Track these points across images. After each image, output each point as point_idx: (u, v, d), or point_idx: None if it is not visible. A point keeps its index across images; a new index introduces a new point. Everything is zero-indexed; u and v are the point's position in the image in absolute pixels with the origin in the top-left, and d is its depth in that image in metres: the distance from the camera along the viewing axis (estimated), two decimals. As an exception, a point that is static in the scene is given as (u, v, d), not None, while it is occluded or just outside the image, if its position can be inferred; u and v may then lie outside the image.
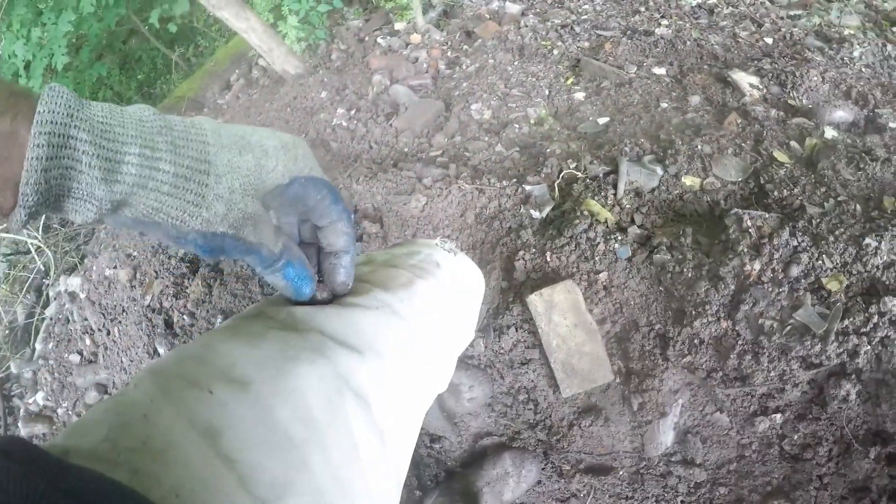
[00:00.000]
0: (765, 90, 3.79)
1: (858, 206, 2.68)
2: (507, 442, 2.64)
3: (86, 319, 3.89)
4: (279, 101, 4.96)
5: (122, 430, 0.66)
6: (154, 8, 6.41)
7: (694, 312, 2.47)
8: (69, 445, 0.64)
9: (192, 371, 0.77)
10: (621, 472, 2.51)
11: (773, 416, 2.37)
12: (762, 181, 2.95)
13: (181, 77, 7.54)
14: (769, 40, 4.47)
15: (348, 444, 0.82)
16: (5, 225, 0.68)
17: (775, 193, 2.85)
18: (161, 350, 3.40)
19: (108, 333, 3.73)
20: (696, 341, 2.46)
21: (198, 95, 6.17)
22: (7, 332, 4.30)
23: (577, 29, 4.80)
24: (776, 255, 2.47)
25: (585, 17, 4.98)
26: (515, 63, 4.54)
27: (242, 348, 0.81)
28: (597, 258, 2.70)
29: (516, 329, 2.68)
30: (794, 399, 2.35)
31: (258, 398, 0.74)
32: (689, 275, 2.55)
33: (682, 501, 2.43)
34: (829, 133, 3.30)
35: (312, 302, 0.93)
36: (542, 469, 2.57)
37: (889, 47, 4.27)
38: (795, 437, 2.34)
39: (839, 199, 2.76)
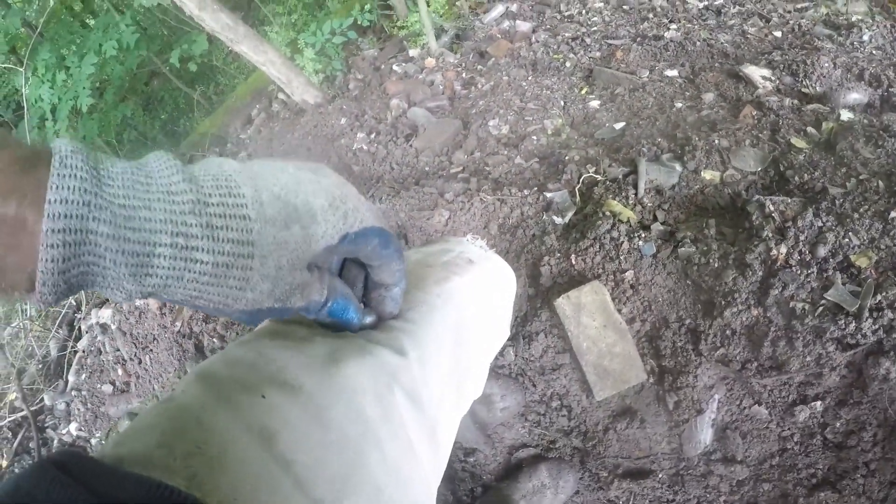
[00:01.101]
0: (777, 81, 3.80)
1: (881, 183, 2.66)
2: (543, 452, 2.63)
3: (118, 350, 3.93)
4: (300, 130, 5.03)
5: (177, 435, 0.65)
6: (174, 49, 6.53)
7: (723, 302, 2.46)
8: (122, 454, 0.63)
9: (244, 375, 0.76)
10: (661, 475, 2.49)
11: (814, 403, 2.34)
12: (782, 168, 2.94)
13: (203, 114, 7.66)
14: (778, 34, 4.48)
15: (403, 440, 0.82)
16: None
17: (796, 179, 2.85)
18: (192, 374, 3.41)
19: (140, 362, 3.78)
20: (727, 332, 2.45)
21: (220, 131, 6.25)
22: (41, 366, 4.36)
23: (588, 40, 4.85)
24: (801, 237, 2.46)
25: (595, 28, 5.02)
26: (529, 78, 4.58)
27: (291, 353, 0.81)
28: (622, 257, 2.70)
29: (545, 335, 2.69)
30: (833, 384, 2.32)
31: (310, 399, 0.74)
32: (716, 265, 2.54)
33: (724, 501, 2.40)
34: (846, 115, 3.30)
35: (358, 328, 0.90)
36: (580, 478, 2.56)
37: (897, 30, 4.28)
38: (838, 424, 2.30)
39: (861, 177, 2.75)
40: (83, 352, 4.24)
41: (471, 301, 1.10)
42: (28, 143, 0.57)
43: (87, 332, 4.33)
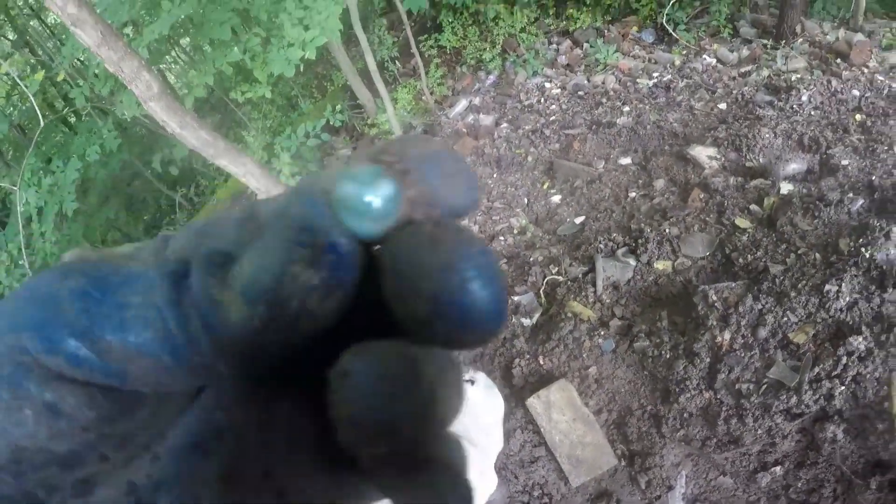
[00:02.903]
0: (722, 158, 4.04)
1: (818, 255, 2.91)
2: (529, 539, 2.83)
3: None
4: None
5: None
6: (155, 153, 6.76)
7: (677, 389, 2.71)
8: None
9: None
10: (640, 550, 2.68)
11: (773, 469, 2.55)
12: (727, 251, 3.19)
13: (185, 216, 7.71)
14: (723, 105, 4.75)
15: None
16: None
17: (740, 260, 3.09)
18: None
19: None
20: (685, 415, 2.68)
21: (202, 234, 6.34)
22: None
23: (547, 132, 5.10)
24: (743, 322, 2.70)
25: (553, 117, 5.29)
26: (494, 175, 4.84)
27: None
28: (585, 355, 2.94)
29: (521, 431, 2.90)
30: (789, 449, 2.54)
31: None
32: (668, 356, 2.79)
33: (704, 569, 2.58)
34: (785, 188, 3.55)
35: None
36: (568, 562, 2.75)
37: (834, 82, 4.54)
38: (799, 484, 2.50)
39: (799, 251, 3.00)
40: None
41: (462, 431, 1.30)
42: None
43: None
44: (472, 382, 1.44)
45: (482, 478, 1.41)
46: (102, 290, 0.28)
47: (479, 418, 1.39)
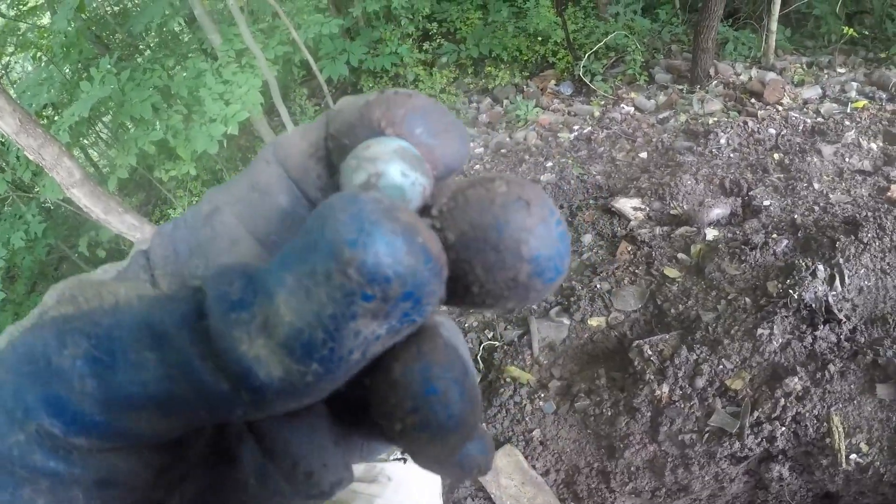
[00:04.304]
0: (647, 208, 4.12)
1: (748, 299, 2.98)
2: None
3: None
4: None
5: None
6: (81, 235, 6.63)
7: (622, 445, 2.73)
8: None
9: None
10: None
11: (725, 512, 2.58)
12: (659, 302, 3.25)
13: (114, 299, 7.60)
14: (644, 155, 4.87)
15: None
16: None
17: (672, 311, 3.15)
18: None
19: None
20: (632, 468, 2.71)
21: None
22: None
23: (469, 194, 5.08)
24: (680, 374, 2.76)
25: (475, 179, 5.29)
26: (422, 240, 4.78)
27: None
28: (527, 418, 2.96)
29: (472, 499, 2.90)
30: (738, 491, 2.60)
31: None
32: (609, 413, 2.83)
33: None
34: (711, 234, 3.63)
35: None
36: None
37: (750, 122, 4.68)
38: (751, 525, 2.53)
39: (729, 297, 3.07)
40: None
41: None
42: None
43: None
44: (405, 460, 1.42)
45: None
46: (111, 351, 0.25)
47: (414, 496, 1.39)
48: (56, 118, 5.84)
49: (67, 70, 6.20)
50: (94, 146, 8.98)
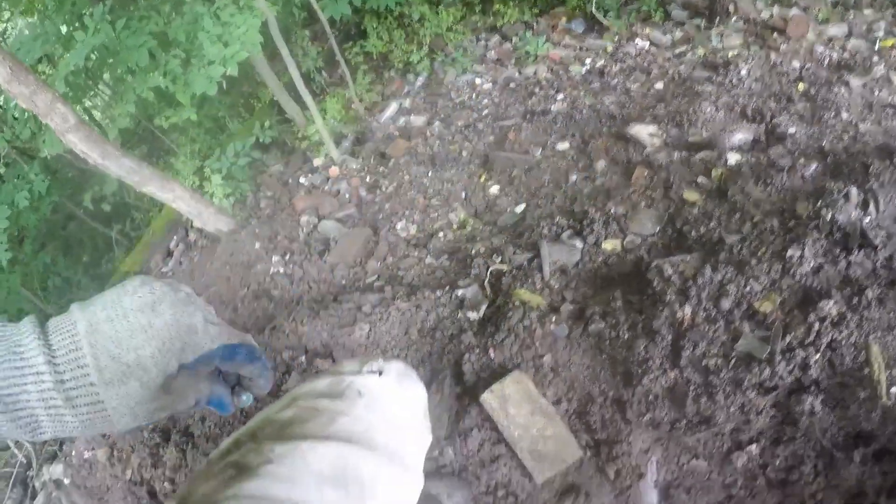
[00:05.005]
0: (664, 135, 3.92)
1: (775, 222, 2.76)
2: (499, 540, 2.63)
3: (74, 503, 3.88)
4: (218, 259, 5.02)
5: None
6: (86, 191, 6.56)
7: (640, 371, 2.52)
8: None
9: None
10: (615, 544, 2.49)
11: (749, 448, 2.37)
12: (678, 225, 3.04)
13: (123, 252, 7.55)
14: (659, 86, 4.66)
15: None
16: None
17: (693, 233, 2.94)
18: (147, 522, 3.42)
19: (97, 513, 3.72)
20: (650, 397, 2.49)
21: (142, 268, 6.19)
22: None
23: (481, 126, 4.97)
24: (703, 294, 2.53)
25: (486, 111, 5.16)
26: (430, 174, 4.68)
27: None
28: (537, 343, 2.76)
29: (479, 429, 2.71)
30: (763, 426, 2.36)
31: None
32: (626, 336, 2.62)
33: (681, 559, 2.40)
34: (733, 158, 3.42)
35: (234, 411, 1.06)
36: (539, 560, 2.55)
37: (773, 55, 4.46)
38: (777, 462, 2.33)
39: (755, 220, 2.85)
40: (41, 510, 4.17)
41: (361, 436, 1.12)
42: None
43: (41, 490, 4.26)
44: (380, 373, 1.30)
45: (395, 485, 1.22)
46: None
47: (389, 414, 1.22)
48: (52, 73, 5.74)
49: (63, 27, 6.06)
50: (95, 108, 8.94)
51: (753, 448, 2.38)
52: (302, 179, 5.39)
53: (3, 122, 6.06)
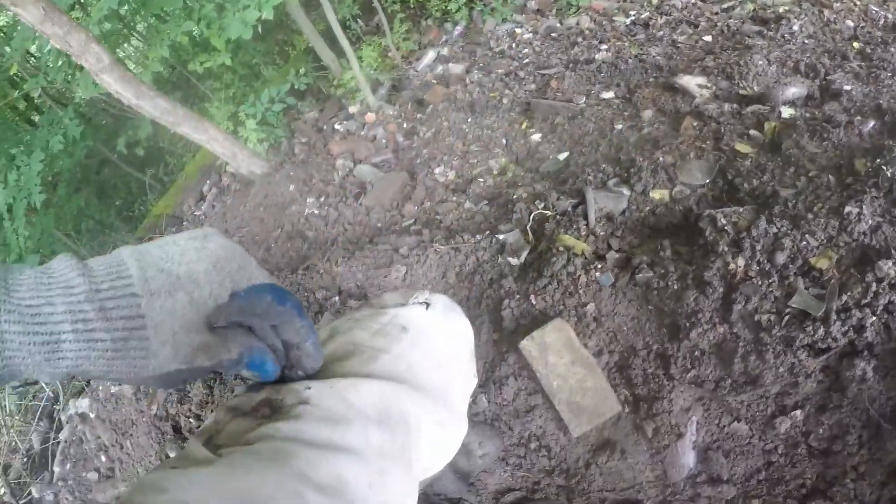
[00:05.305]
0: (714, 87, 3.80)
1: (831, 177, 2.65)
2: (528, 495, 2.56)
3: (99, 437, 3.92)
4: (251, 201, 5.02)
5: None
6: (119, 136, 6.59)
7: (688, 324, 2.43)
8: None
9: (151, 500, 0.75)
10: (647, 504, 2.43)
11: (793, 413, 2.28)
12: (730, 177, 2.94)
13: (156, 196, 7.63)
14: (708, 38, 4.52)
15: None
16: None
17: (745, 186, 2.84)
18: (173, 455, 3.40)
19: (122, 448, 3.75)
20: (696, 353, 2.41)
21: (175, 211, 6.23)
22: (25, 459, 4.36)
23: (522, 74, 4.86)
24: (758, 247, 2.43)
25: (527, 60, 5.05)
26: (469, 120, 4.59)
27: (192, 475, 0.79)
28: (581, 291, 2.67)
29: (515, 378, 2.64)
30: (810, 391, 2.26)
31: None
32: (675, 287, 2.52)
33: (714, 523, 2.33)
34: (787, 112, 3.31)
35: (287, 379, 0.95)
36: (568, 516, 2.49)
37: (826, 13, 4.31)
38: (821, 430, 2.24)
39: (810, 174, 2.75)
40: (66, 442, 4.24)
41: (404, 375, 1.05)
42: None
43: (67, 423, 4.32)
44: (427, 305, 1.22)
45: (440, 428, 1.15)
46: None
47: (435, 351, 1.17)
48: (85, 19, 5.70)
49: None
50: (128, 58, 9.03)
51: (798, 414, 2.28)
52: (337, 126, 5.34)
53: (37, 68, 6.11)
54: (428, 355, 1.15)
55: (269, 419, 0.89)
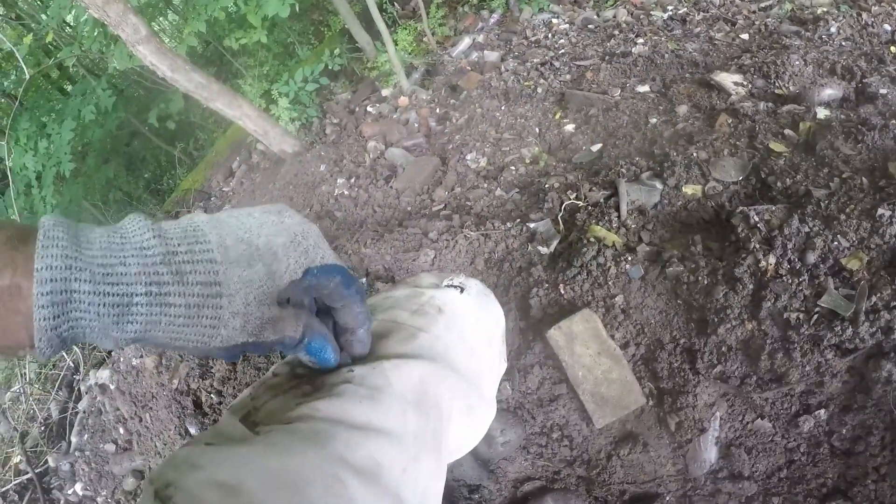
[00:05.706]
0: (749, 85, 3.79)
1: (865, 179, 2.64)
2: (548, 484, 2.57)
3: (118, 409, 3.95)
4: (281, 179, 5.04)
5: None
6: (151, 109, 6.67)
7: (716, 319, 2.43)
8: None
9: (179, 478, 0.75)
10: (668, 498, 2.42)
11: (817, 412, 2.28)
12: (763, 175, 2.93)
13: (185, 171, 7.68)
14: (745, 36, 4.50)
15: None
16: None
17: (778, 184, 2.83)
18: (192, 430, 3.44)
19: (141, 420, 3.78)
20: (723, 349, 2.41)
21: (203, 186, 6.26)
22: (43, 428, 4.39)
23: (557, 64, 4.85)
24: (789, 245, 2.43)
25: (563, 50, 5.04)
26: (503, 108, 4.59)
27: (228, 453, 0.80)
28: (610, 282, 2.67)
29: (540, 367, 2.65)
30: (835, 391, 2.27)
31: (251, 499, 0.71)
32: (705, 282, 2.52)
33: (734, 519, 2.33)
34: (822, 113, 3.30)
35: (336, 367, 0.94)
36: (587, 507, 2.51)
37: (864, 16, 4.28)
38: (844, 430, 2.24)
39: (843, 176, 2.74)
40: (84, 412, 4.27)
41: (442, 356, 1.06)
42: (18, 221, 0.68)
43: (86, 393, 4.35)
44: (462, 289, 1.21)
45: (470, 412, 1.15)
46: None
47: (468, 334, 1.16)
48: None
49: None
50: (163, 33, 9.07)
51: (822, 413, 2.28)
52: (369, 108, 5.35)
53: (73, 37, 6.14)
54: (462, 339, 1.15)
55: (309, 397, 0.90)
